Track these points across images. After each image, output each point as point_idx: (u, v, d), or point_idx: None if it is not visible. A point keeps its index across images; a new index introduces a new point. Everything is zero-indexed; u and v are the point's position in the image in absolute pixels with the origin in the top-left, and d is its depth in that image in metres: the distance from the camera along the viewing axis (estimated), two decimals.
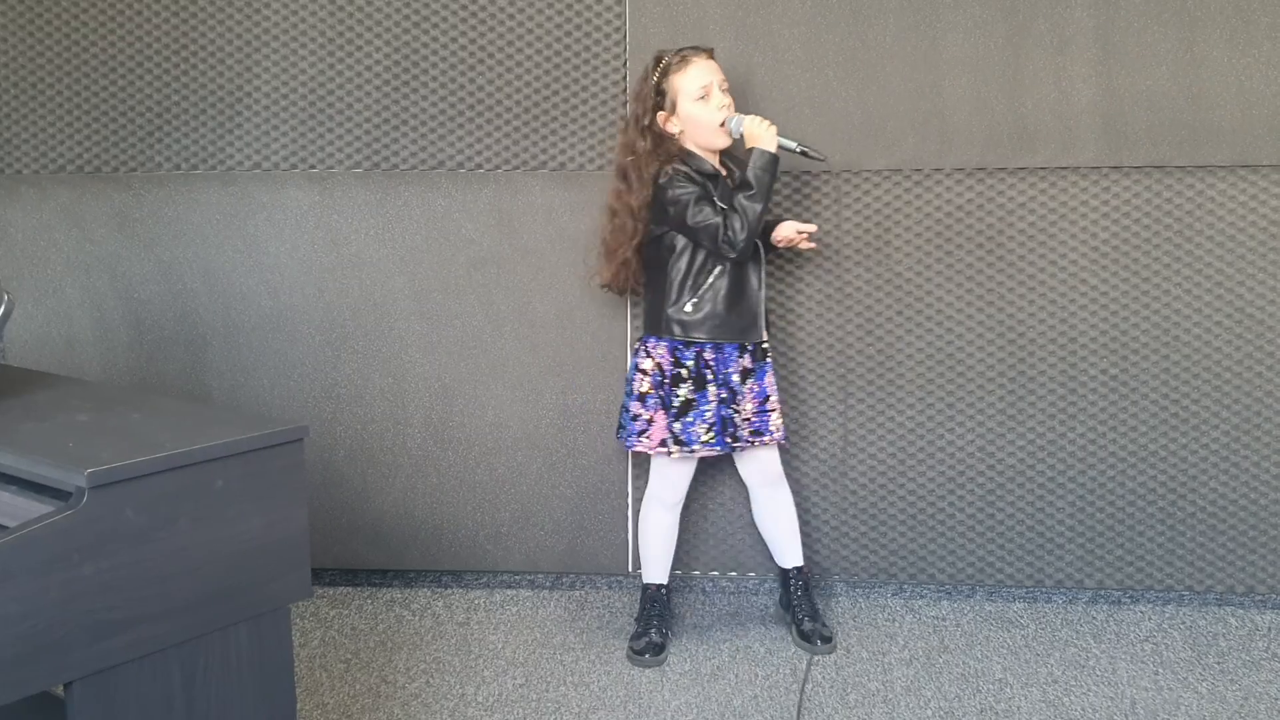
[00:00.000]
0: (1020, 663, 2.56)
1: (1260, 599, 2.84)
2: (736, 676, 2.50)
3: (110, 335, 2.93)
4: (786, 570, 2.74)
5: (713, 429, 2.54)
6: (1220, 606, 2.85)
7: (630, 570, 2.96)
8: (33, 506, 1.45)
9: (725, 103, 2.49)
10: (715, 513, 2.91)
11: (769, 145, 2.43)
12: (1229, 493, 2.78)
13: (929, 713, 2.34)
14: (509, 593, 2.96)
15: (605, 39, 2.77)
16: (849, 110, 2.74)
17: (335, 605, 2.88)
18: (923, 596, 2.92)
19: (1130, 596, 2.88)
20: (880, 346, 2.82)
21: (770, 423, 2.61)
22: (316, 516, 2.83)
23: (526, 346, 2.88)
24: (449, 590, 2.98)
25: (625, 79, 2.77)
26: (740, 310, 2.53)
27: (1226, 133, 2.67)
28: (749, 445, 2.60)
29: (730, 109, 2.50)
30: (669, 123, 2.52)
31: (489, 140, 2.83)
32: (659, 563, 2.71)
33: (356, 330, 2.90)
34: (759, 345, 2.59)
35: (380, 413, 2.91)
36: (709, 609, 2.85)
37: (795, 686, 2.46)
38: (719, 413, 2.54)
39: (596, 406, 2.88)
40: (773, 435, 2.62)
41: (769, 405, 2.61)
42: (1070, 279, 2.76)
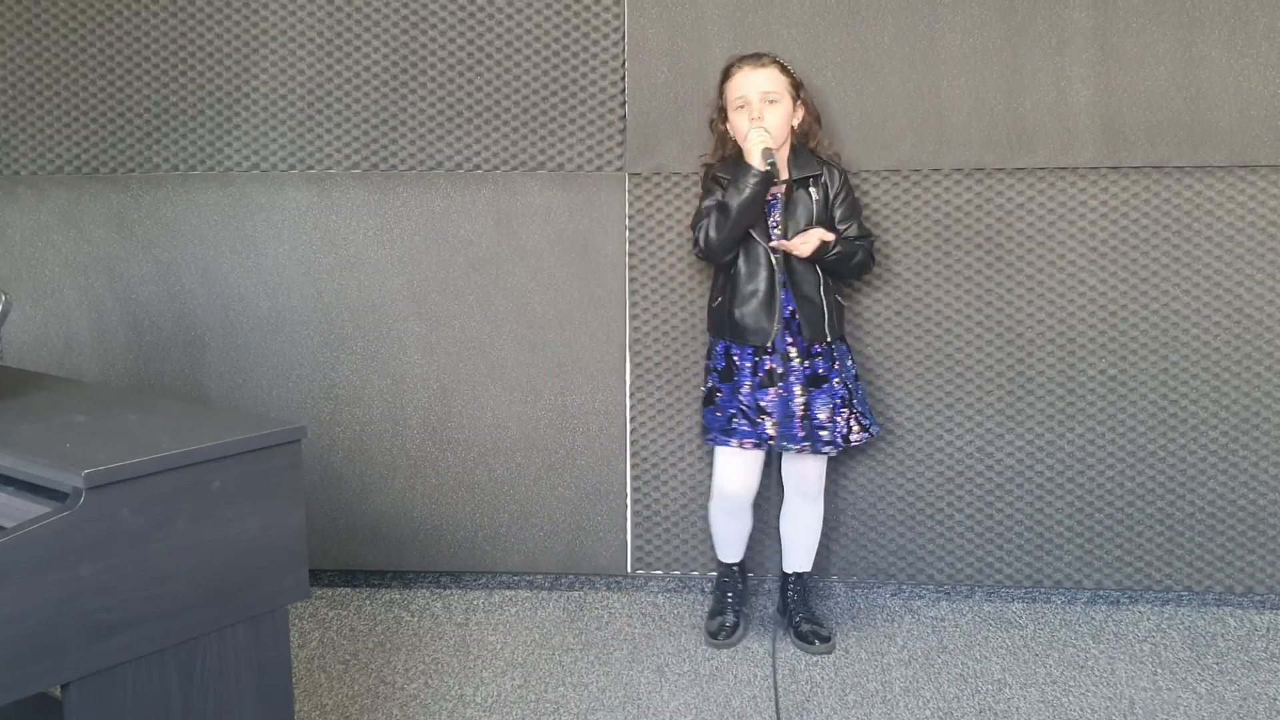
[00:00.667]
0: (1019, 663, 2.56)
1: (1259, 599, 2.84)
2: (735, 677, 2.50)
3: (108, 336, 2.93)
4: (787, 575, 2.74)
5: (732, 422, 2.57)
6: (1219, 607, 2.85)
7: (629, 571, 2.96)
8: (30, 507, 1.45)
9: (757, 114, 2.49)
10: None
11: (754, 160, 2.45)
12: (1227, 493, 2.78)
13: (928, 713, 2.34)
14: (508, 593, 2.96)
15: (604, 39, 2.77)
16: (847, 111, 2.74)
17: (334, 606, 2.88)
18: (921, 597, 2.92)
19: (1129, 597, 2.88)
20: (879, 347, 2.81)
21: (794, 430, 2.55)
22: (315, 517, 2.83)
23: (525, 347, 2.88)
24: (447, 591, 2.98)
25: (624, 80, 2.77)
26: (745, 312, 2.53)
27: (1225, 133, 2.67)
28: (772, 448, 2.58)
29: (763, 119, 2.49)
30: (727, 126, 2.60)
31: (487, 141, 2.83)
32: (725, 545, 2.76)
33: (355, 331, 2.89)
34: (786, 350, 2.54)
35: (379, 413, 2.91)
36: (708, 610, 2.85)
37: (794, 688, 2.46)
38: (736, 406, 2.57)
39: (595, 407, 2.88)
40: (790, 445, 2.56)
41: (793, 412, 2.55)
42: (1069, 279, 2.76)
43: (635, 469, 2.90)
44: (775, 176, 2.47)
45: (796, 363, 2.56)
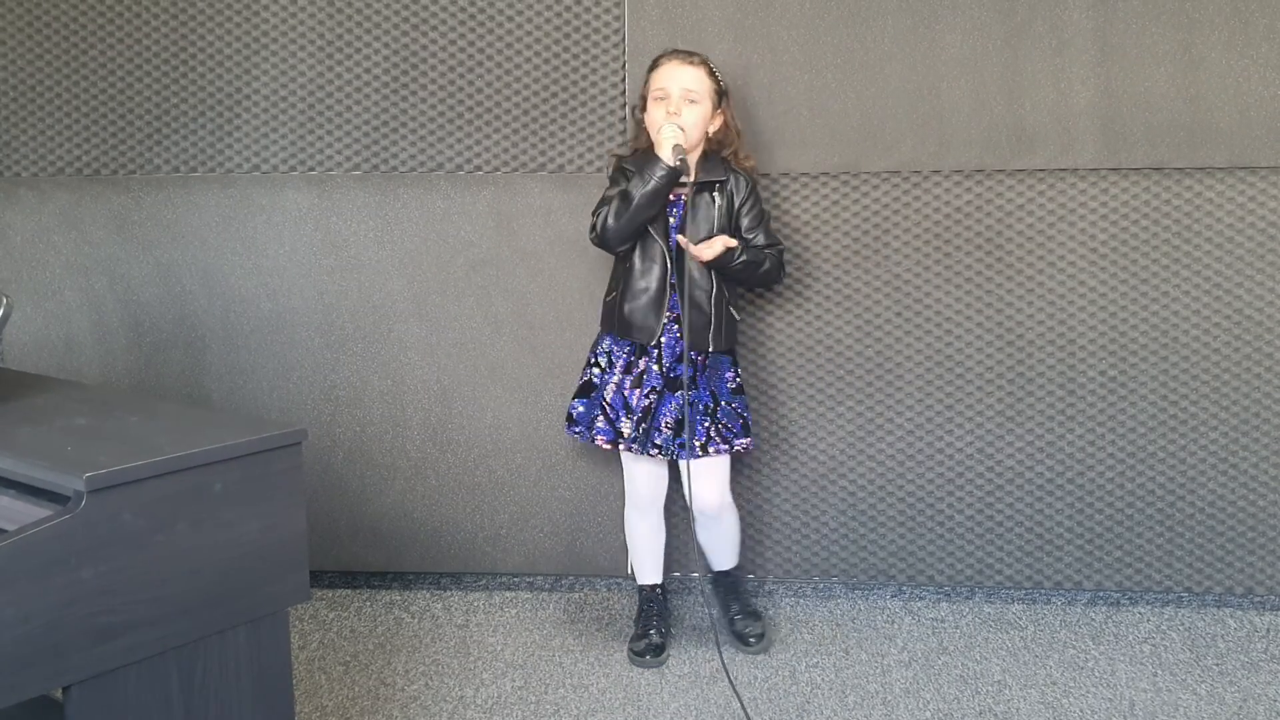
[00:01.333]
0: (1019, 664, 2.56)
1: (1259, 600, 2.84)
2: (735, 678, 2.50)
3: (109, 338, 2.93)
4: (715, 573, 2.76)
5: (605, 418, 2.56)
6: (1219, 608, 2.85)
7: (629, 572, 2.96)
8: (31, 510, 1.45)
9: (674, 110, 2.47)
10: None
11: (664, 153, 2.43)
12: (1227, 494, 2.78)
13: (928, 714, 2.34)
14: (508, 595, 2.96)
15: (604, 40, 2.77)
16: (847, 112, 2.74)
17: (334, 607, 2.88)
18: (921, 598, 2.92)
19: (1129, 598, 2.88)
20: (879, 348, 2.82)
21: (657, 438, 2.53)
22: (315, 519, 2.83)
23: (525, 348, 2.88)
24: (448, 592, 2.98)
25: (624, 81, 2.77)
26: (633, 309, 2.51)
27: (1225, 134, 2.67)
28: (634, 450, 2.56)
29: (680, 116, 2.47)
30: (644, 115, 2.58)
31: (488, 142, 2.83)
32: (646, 564, 2.73)
33: (355, 332, 2.90)
34: (667, 352, 2.52)
35: (379, 415, 2.91)
36: (708, 610, 2.85)
37: (794, 689, 2.46)
38: (615, 405, 2.56)
39: None
40: (644, 449, 2.54)
41: (661, 418, 2.53)
42: (1069, 280, 2.76)
43: None
44: (684, 173, 2.43)
45: (655, 366, 2.54)
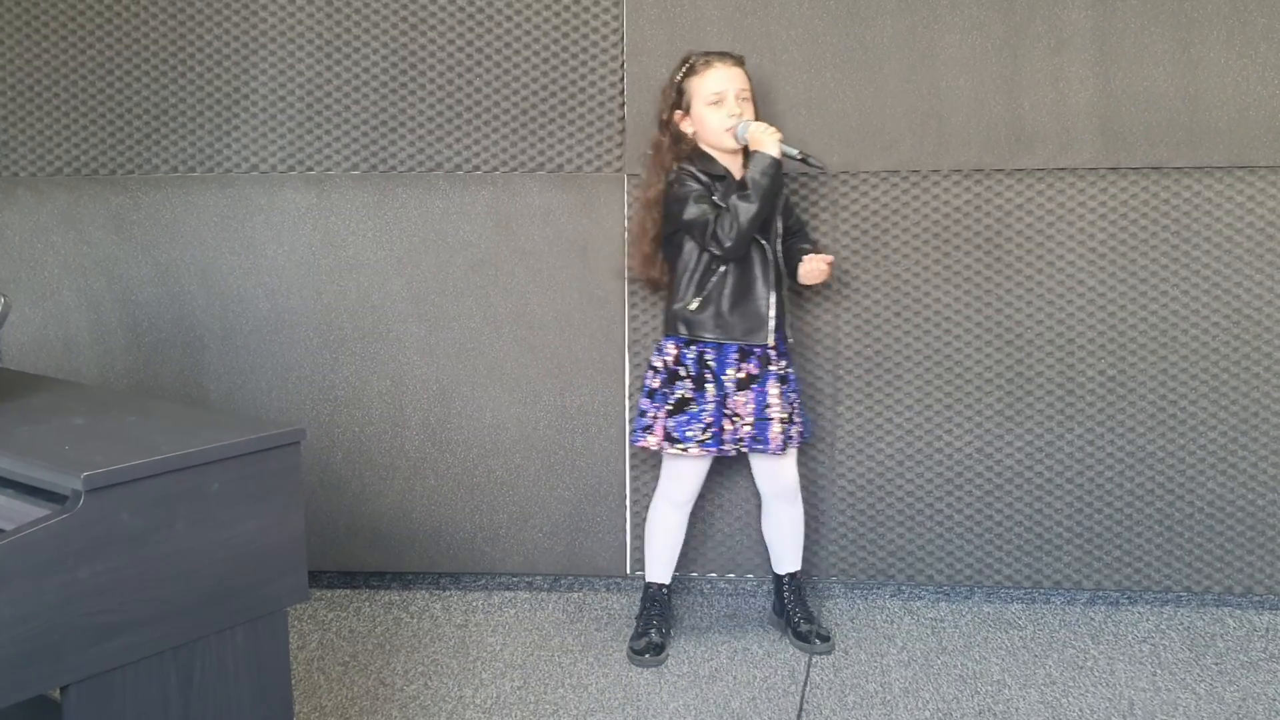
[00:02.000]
0: (1018, 664, 2.56)
1: (1258, 599, 2.84)
2: (735, 678, 2.50)
3: (107, 338, 2.93)
4: (780, 576, 2.74)
5: (707, 429, 2.53)
6: (1218, 607, 2.85)
7: (628, 572, 2.96)
8: (29, 510, 1.45)
9: (737, 111, 2.50)
10: (714, 515, 2.91)
11: (771, 150, 2.44)
12: (1227, 493, 2.78)
13: (927, 714, 2.34)
14: (507, 595, 2.96)
15: (603, 40, 2.77)
16: (846, 111, 2.74)
17: (333, 608, 2.88)
18: (921, 598, 2.92)
19: (1128, 597, 2.88)
20: (878, 348, 2.82)
21: (768, 432, 2.56)
22: (314, 519, 2.83)
23: (524, 348, 2.88)
24: (447, 592, 2.98)
25: (623, 80, 2.77)
26: (744, 311, 2.52)
27: (1223, 134, 2.67)
28: (741, 451, 2.58)
29: (743, 117, 2.50)
30: (684, 122, 2.56)
31: (487, 142, 2.83)
32: (662, 562, 2.71)
33: (354, 332, 2.89)
34: (765, 351, 2.54)
35: (378, 415, 2.91)
36: (707, 610, 2.85)
37: (794, 688, 2.46)
38: (717, 414, 2.54)
39: (595, 408, 2.88)
40: (766, 447, 2.56)
41: (769, 414, 2.55)
42: (1068, 280, 2.76)
43: (634, 470, 2.90)
44: (808, 161, 2.47)
45: (773, 365, 2.56)
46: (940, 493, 2.85)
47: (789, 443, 2.59)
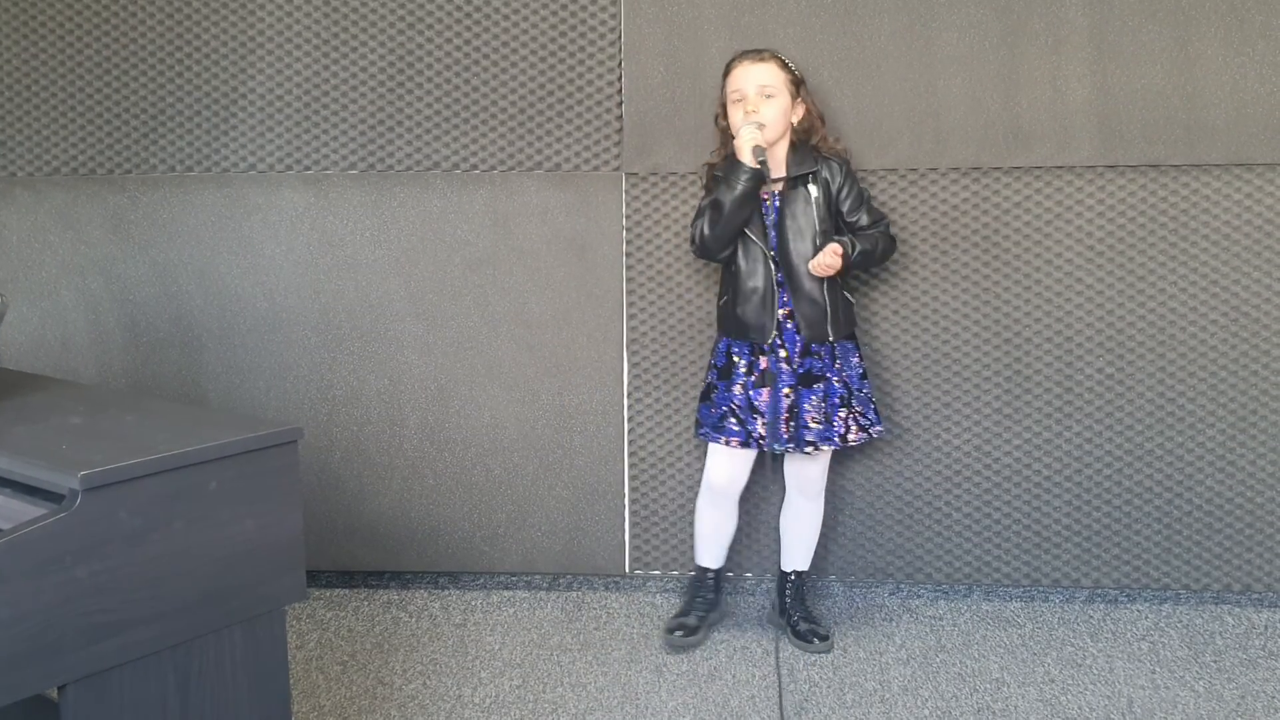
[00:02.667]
0: (1017, 662, 2.56)
1: (1257, 597, 2.84)
2: (734, 677, 2.50)
3: (105, 337, 2.93)
4: (785, 573, 2.74)
5: (734, 418, 2.56)
6: (1217, 605, 2.85)
7: (627, 571, 2.96)
8: (26, 509, 1.45)
9: (752, 108, 2.50)
10: None
11: (744, 157, 2.46)
12: (1225, 491, 2.78)
13: (926, 712, 2.34)
14: (506, 594, 2.96)
15: (600, 39, 2.77)
16: (844, 110, 2.74)
17: (331, 607, 2.88)
18: (919, 596, 2.92)
19: (1127, 595, 2.88)
20: (876, 346, 2.81)
21: (805, 434, 2.55)
22: (312, 518, 2.83)
23: (523, 347, 2.88)
24: (446, 592, 2.98)
25: (620, 80, 2.77)
26: (745, 310, 2.53)
27: (1221, 131, 2.67)
28: (764, 447, 2.58)
29: (759, 113, 2.49)
30: (725, 122, 2.60)
31: (484, 141, 2.83)
32: (704, 547, 2.74)
33: (352, 332, 2.89)
34: (776, 350, 2.54)
35: (376, 414, 2.91)
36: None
37: (793, 687, 2.46)
38: (745, 408, 2.55)
39: (593, 407, 2.88)
40: (781, 445, 2.56)
41: (805, 416, 2.55)
42: (1066, 278, 2.76)
43: (633, 469, 2.90)
44: (766, 174, 2.45)
45: (785, 364, 2.55)
46: (939, 491, 2.85)
47: (802, 446, 2.56)
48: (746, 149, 2.45)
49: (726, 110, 2.58)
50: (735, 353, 2.59)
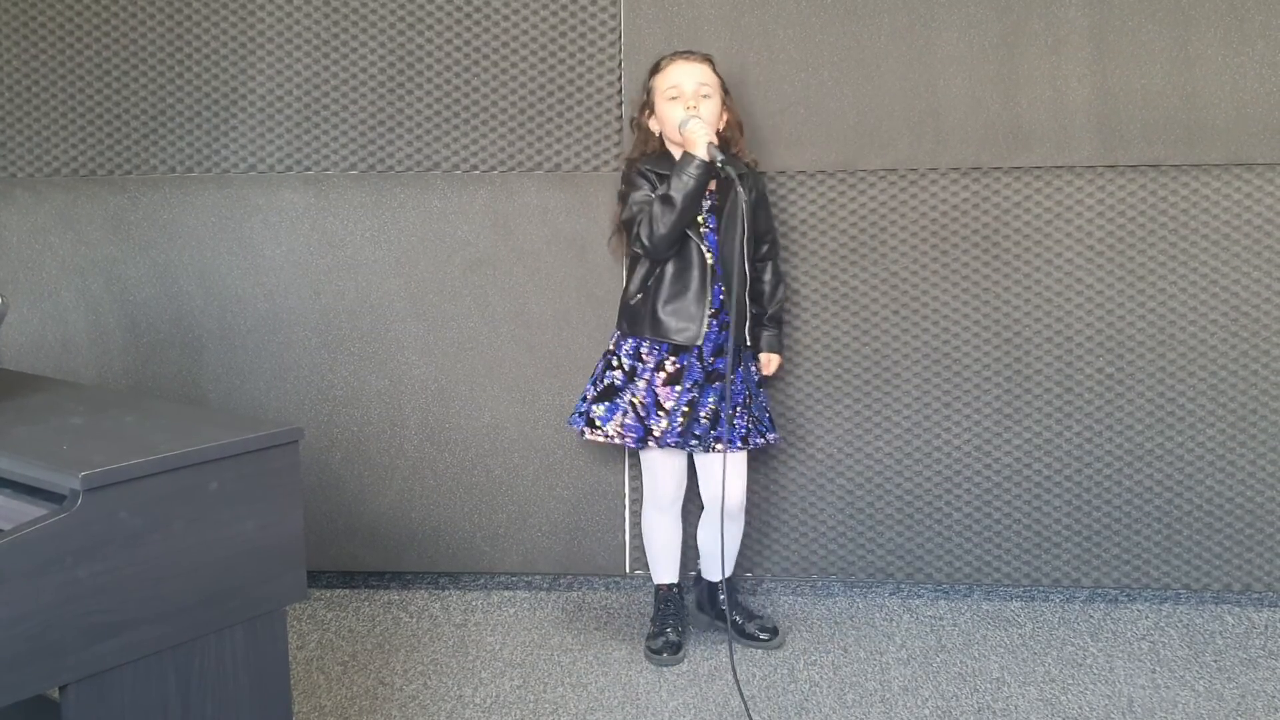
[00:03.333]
0: (1018, 661, 2.56)
1: (1257, 596, 2.84)
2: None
3: (105, 338, 2.93)
4: (713, 583, 2.73)
5: (629, 416, 2.53)
6: (1217, 604, 2.85)
7: (627, 571, 2.96)
8: (27, 509, 1.45)
9: (692, 105, 2.47)
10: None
11: (699, 151, 2.40)
12: (1225, 491, 2.79)
13: (926, 712, 2.34)
14: (506, 594, 2.96)
15: (600, 40, 2.77)
16: (844, 110, 2.74)
17: (332, 607, 2.88)
18: (920, 596, 2.92)
19: (1127, 595, 2.88)
20: (876, 346, 2.82)
21: (695, 428, 2.53)
22: (313, 519, 2.83)
23: (523, 348, 2.88)
24: (446, 592, 2.98)
25: (620, 80, 2.77)
26: (674, 309, 2.49)
27: (1221, 131, 2.68)
28: (687, 446, 2.55)
29: (698, 111, 2.45)
30: (650, 121, 2.58)
31: (484, 142, 2.83)
32: (662, 564, 2.71)
33: (352, 332, 2.89)
34: (700, 353, 2.52)
35: (377, 414, 2.91)
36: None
37: (793, 687, 2.46)
38: (649, 408, 2.52)
39: None
40: (677, 443, 2.53)
41: (701, 416, 2.53)
42: (1066, 278, 2.76)
43: (633, 469, 2.90)
44: (720, 166, 2.38)
45: (697, 361, 2.52)
46: (939, 491, 2.85)
47: (706, 444, 2.53)
48: (701, 142, 2.39)
49: (651, 108, 2.56)
50: (646, 351, 2.54)
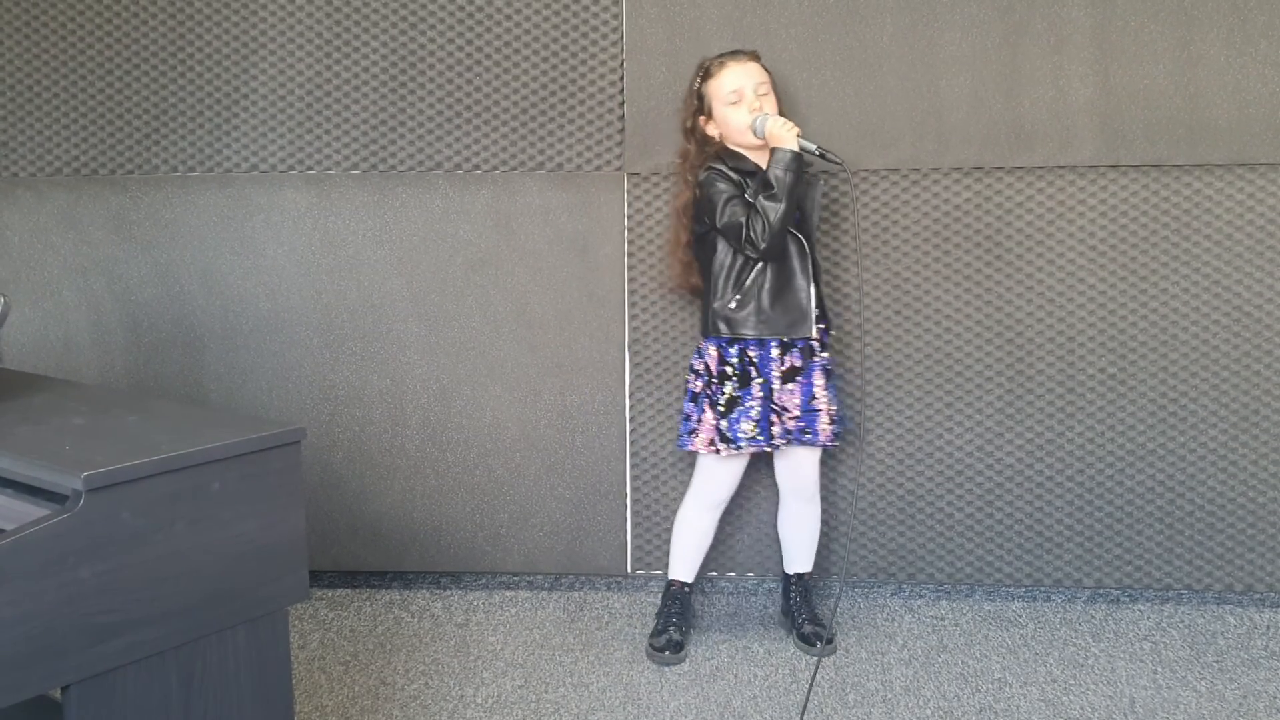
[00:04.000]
0: (1019, 662, 2.56)
1: (1259, 597, 2.84)
2: (736, 677, 2.50)
3: (107, 338, 2.93)
4: (789, 575, 2.74)
5: (757, 425, 2.53)
6: (1218, 605, 2.85)
7: (629, 571, 2.96)
8: (29, 510, 1.45)
9: (756, 105, 2.49)
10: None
11: (789, 144, 2.43)
12: (1227, 491, 2.78)
13: (928, 712, 2.34)
14: (508, 594, 2.96)
15: (602, 39, 2.77)
16: (846, 110, 2.74)
17: (334, 607, 2.88)
18: (921, 596, 2.92)
19: (1129, 595, 2.88)
20: (877, 346, 2.81)
21: (817, 424, 2.56)
22: (315, 518, 2.83)
23: (525, 347, 2.88)
24: (448, 592, 2.98)
25: (622, 79, 2.77)
26: (785, 305, 2.51)
27: (1224, 131, 2.67)
28: (791, 444, 2.57)
29: (763, 110, 2.49)
30: (708, 126, 2.58)
31: (486, 141, 2.83)
32: (687, 561, 2.71)
33: (354, 332, 2.89)
34: (808, 343, 2.55)
35: (378, 414, 2.91)
36: (708, 609, 2.85)
37: (795, 687, 2.46)
38: (764, 410, 2.54)
39: (595, 407, 2.88)
40: (815, 438, 2.57)
41: (816, 405, 2.56)
42: (1068, 278, 2.76)
43: (635, 469, 2.90)
44: (819, 154, 2.43)
45: (816, 357, 2.56)
46: (941, 491, 2.85)
47: (834, 435, 2.60)
48: (790, 136, 2.42)
49: (708, 114, 2.56)
50: (754, 353, 2.54)
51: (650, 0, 2.74)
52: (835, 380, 2.64)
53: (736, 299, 2.51)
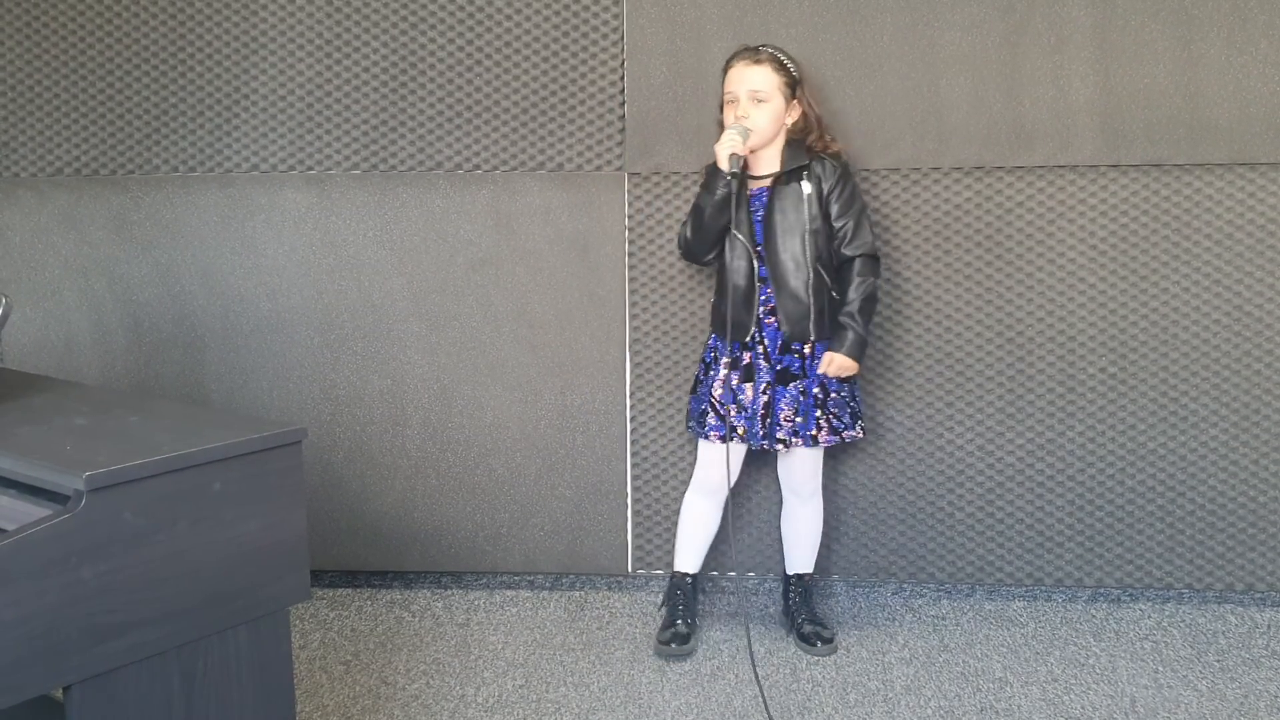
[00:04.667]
0: (1020, 661, 2.56)
1: (1260, 596, 2.84)
2: (736, 677, 2.50)
3: (108, 338, 2.93)
4: (788, 576, 2.75)
5: (712, 414, 2.59)
6: (1219, 604, 2.85)
7: (630, 570, 2.96)
8: (31, 510, 1.45)
9: (743, 113, 2.49)
10: None
11: (720, 163, 2.46)
12: (1228, 490, 2.78)
13: (929, 711, 2.34)
14: (508, 594, 2.96)
15: (603, 39, 2.77)
16: (847, 109, 2.74)
17: (335, 607, 2.88)
18: (922, 595, 2.92)
19: (1130, 594, 2.88)
20: (879, 346, 2.81)
21: (777, 430, 2.56)
22: (315, 518, 2.83)
23: (525, 347, 2.88)
24: (448, 591, 2.98)
25: (623, 79, 2.77)
26: (728, 306, 2.53)
27: (1224, 131, 2.67)
28: (774, 447, 2.58)
29: (746, 119, 2.48)
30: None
31: (487, 141, 2.83)
32: (687, 551, 2.73)
33: (355, 332, 2.90)
34: (803, 348, 2.54)
35: (379, 414, 2.91)
36: (709, 609, 2.85)
37: (795, 687, 2.46)
38: (720, 401, 2.57)
39: (595, 407, 2.88)
40: (759, 444, 2.57)
41: (780, 414, 2.56)
42: (1068, 277, 2.76)
43: (635, 468, 2.90)
44: (731, 181, 2.44)
45: (764, 361, 2.55)
46: (941, 490, 2.85)
47: (772, 443, 2.57)
48: (723, 155, 2.45)
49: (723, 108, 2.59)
50: (719, 349, 2.60)
51: (651, 0, 2.74)
52: (814, 383, 2.58)
53: (716, 294, 2.66)
